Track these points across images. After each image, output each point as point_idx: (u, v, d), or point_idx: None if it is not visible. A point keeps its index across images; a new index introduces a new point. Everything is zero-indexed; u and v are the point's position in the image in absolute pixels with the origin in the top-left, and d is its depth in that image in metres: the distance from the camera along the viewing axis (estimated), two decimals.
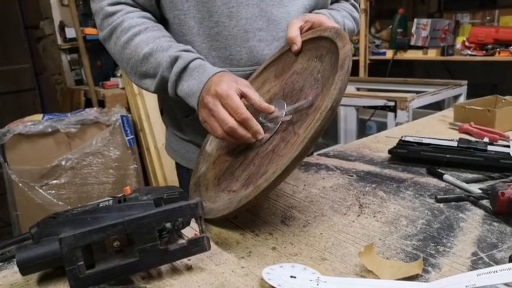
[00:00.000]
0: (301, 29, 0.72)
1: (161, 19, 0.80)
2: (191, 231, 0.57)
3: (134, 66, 0.73)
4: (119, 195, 0.59)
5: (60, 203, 1.88)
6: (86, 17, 2.52)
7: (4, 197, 1.92)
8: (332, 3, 0.90)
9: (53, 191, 1.88)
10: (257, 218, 0.63)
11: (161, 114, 0.87)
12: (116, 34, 0.74)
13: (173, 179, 2.12)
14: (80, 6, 2.52)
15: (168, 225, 0.49)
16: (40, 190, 1.84)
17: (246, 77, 0.78)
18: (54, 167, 1.86)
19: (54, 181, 1.88)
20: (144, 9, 0.77)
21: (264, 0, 0.76)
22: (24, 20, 3.14)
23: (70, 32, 2.54)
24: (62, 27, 2.69)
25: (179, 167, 0.96)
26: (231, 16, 0.75)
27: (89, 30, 2.39)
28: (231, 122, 0.61)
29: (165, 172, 2.12)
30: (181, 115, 0.87)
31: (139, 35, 0.72)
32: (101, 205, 0.52)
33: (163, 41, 0.71)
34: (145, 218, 0.45)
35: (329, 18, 0.76)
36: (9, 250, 0.54)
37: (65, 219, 0.49)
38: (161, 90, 0.73)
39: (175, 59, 0.69)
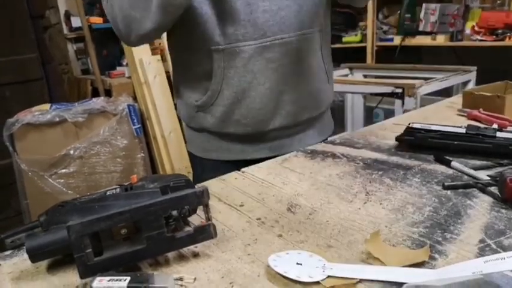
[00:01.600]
0: None
1: None
2: (198, 218, 0.57)
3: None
4: (126, 184, 0.59)
5: (69, 191, 1.91)
6: (92, 6, 2.51)
7: (14, 186, 1.94)
8: None
9: (62, 180, 1.90)
10: (263, 205, 0.63)
11: (176, 108, 0.88)
12: None
13: (180, 167, 2.13)
14: None
15: (175, 213, 0.49)
16: (49, 179, 1.86)
17: (253, 51, 0.78)
18: (62, 156, 1.88)
19: (63, 170, 1.90)
20: None
21: None
22: (30, 9, 3.14)
23: (76, 21, 2.53)
24: (67, 16, 2.68)
25: (194, 158, 0.98)
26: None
27: (95, 19, 2.38)
28: None
29: (172, 160, 2.13)
30: (192, 103, 0.87)
31: None
32: (108, 193, 0.53)
33: None
34: (151, 205, 0.45)
35: None
36: (19, 238, 0.54)
37: (73, 208, 0.50)
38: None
39: None
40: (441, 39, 2.46)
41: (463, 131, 0.83)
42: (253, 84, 0.83)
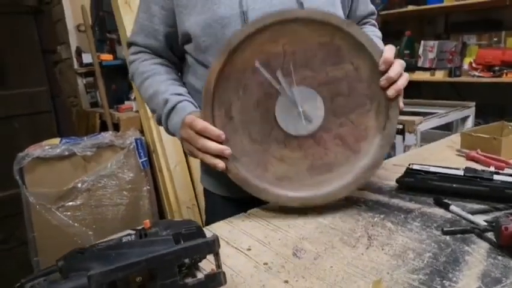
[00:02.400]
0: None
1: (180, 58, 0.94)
2: (207, 263, 0.60)
3: (146, 103, 0.91)
4: (139, 228, 0.62)
5: (75, 224, 1.93)
6: (102, 42, 2.61)
7: (20, 217, 1.97)
8: (349, 15, 0.96)
9: (69, 213, 1.92)
10: (269, 249, 0.66)
11: None
12: (135, 78, 0.93)
13: (185, 200, 2.16)
14: (96, 33, 2.61)
15: (187, 260, 0.52)
16: (57, 212, 1.89)
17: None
18: (70, 189, 1.91)
19: (71, 203, 1.93)
20: (159, 54, 0.91)
21: None
22: (42, 44, 3.27)
23: (86, 58, 2.63)
24: (79, 52, 2.78)
25: (206, 193, 1.02)
26: None
27: (105, 56, 2.47)
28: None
29: (177, 193, 2.16)
30: None
31: (148, 79, 0.88)
32: (124, 240, 0.56)
33: (162, 86, 0.86)
34: (166, 255, 0.48)
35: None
36: (38, 283, 0.57)
37: (92, 255, 0.53)
38: (160, 125, 0.88)
39: (166, 102, 0.83)
40: (440, 75, 2.53)
41: (461, 173, 0.87)
42: None
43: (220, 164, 0.73)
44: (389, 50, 0.73)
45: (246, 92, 0.74)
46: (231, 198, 0.92)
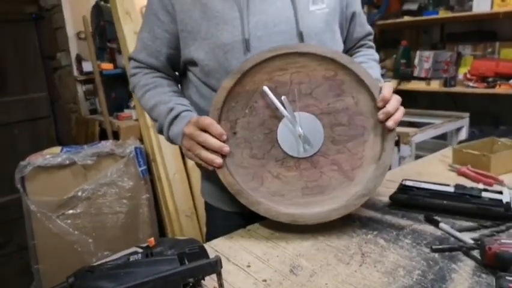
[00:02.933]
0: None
1: (182, 74, 0.97)
2: (209, 280, 0.63)
3: (148, 113, 0.94)
4: (145, 245, 0.66)
5: (75, 232, 1.95)
6: (102, 51, 2.64)
7: (19, 222, 2.00)
8: (345, 41, 0.99)
9: (69, 221, 1.95)
10: (268, 266, 0.69)
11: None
12: (136, 90, 0.96)
13: (184, 209, 2.19)
14: (96, 41, 2.65)
15: (191, 280, 0.56)
16: (57, 220, 1.92)
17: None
18: (71, 197, 1.94)
19: (71, 211, 1.95)
20: (159, 70, 0.95)
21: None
22: (42, 51, 3.30)
23: (87, 66, 2.66)
24: (79, 60, 2.82)
25: (208, 206, 1.04)
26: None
27: (105, 65, 2.50)
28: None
29: (176, 201, 2.19)
30: None
31: (150, 91, 0.92)
32: (131, 259, 0.59)
33: (165, 96, 0.90)
34: (171, 275, 0.52)
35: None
36: None
37: (101, 274, 0.56)
38: (160, 133, 0.92)
39: (170, 110, 0.86)
40: (435, 85, 2.58)
41: (452, 190, 0.91)
42: None
43: (217, 159, 0.76)
44: (387, 88, 0.78)
45: (252, 112, 0.79)
46: (232, 212, 0.95)
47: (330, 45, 0.88)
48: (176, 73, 0.99)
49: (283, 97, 0.77)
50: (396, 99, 0.79)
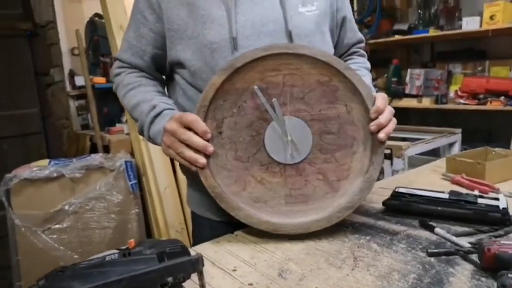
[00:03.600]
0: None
1: (168, 77, 0.95)
2: (191, 283, 0.59)
3: (129, 113, 0.91)
4: (124, 247, 0.62)
5: (61, 247, 1.88)
6: (96, 66, 2.64)
7: (4, 240, 1.93)
8: (336, 47, 0.98)
9: (55, 236, 1.88)
10: (255, 270, 0.65)
11: (180, 165, 0.93)
12: (119, 89, 0.93)
13: (174, 224, 2.13)
14: (90, 56, 2.65)
15: (170, 279, 0.52)
16: (42, 235, 1.85)
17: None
18: (57, 211, 1.88)
19: (57, 226, 1.89)
20: (143, 70, 0.93)
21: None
22: (35, 67, 3.29)
23: (79, 80, 2.65)
24: (71, 75, 2.81)
25: (194, 216, 1.01)
26: None
27: (98, 79, 2.49)
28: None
29: (166, 217, 2.13)
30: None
31: (133, 90, 0.90)
32: (107, 259, 0.55)
33: (148, 95, 0.88)
34: (148, 273, 0.48)
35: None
36: None
37: (73, 273, 0.52)
38: (141, 133, 0.88)
39: (153, 107, 0.84)
40: (426, 102, 2.59)
41: (446, 196, 0.88)
42: None
43: (201, 159, 0.73)
44: (381, 100, 0.76)
45: (240, 112, 0.76)
46: (219, 221, 0.92)
47: (320, 48, 0.87)
48: (164, 77, 0.97)
49: (274, 99, 0.75)
50: (389, 111, 0.77)
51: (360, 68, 0.98)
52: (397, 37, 2.81)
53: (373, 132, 0.76)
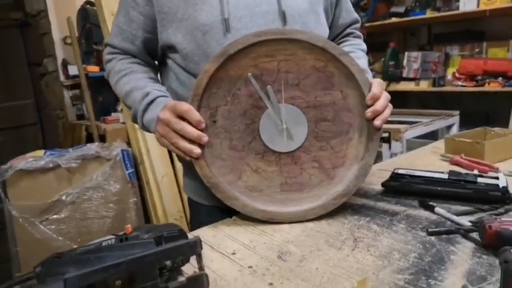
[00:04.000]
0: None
1: (160, 62, 0.93)
2: (191, 267, 0.58)
3: (122, 100, 0.89)
4: (121, 233, 0.61)
5: (60, 238, 1.88)
6: (89, 55, 2.60)
7: (3, 233, 1.92)
8: (331, 27, 0.96)
9: (53, 226, 1.88)
10: (254, 253, 0.65)
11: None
12: (111, 76, 0.91)
13: (172, 212, 2.13)
14: (82, 45, 2.60)
15: (168, 263, 0.51)
16: (40, 225, 1.84)
17: None
18: (54, 202, 1.87)
19: (55, 216, 1.88)
20: (135, 57, 0.90)
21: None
22: (28, 57, 3.25)
23: (73, 70, 2.62)
24: (65, 64, 2.77)
25: (191, 202, 1.00)
26: None
27: (91, 68, 2.46)
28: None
29: (165, 205, 2.13)
30: None
31: (125, 77, 0.87)
32: (104, 244, 0.54)
33: (141, 82, 0.86)
34: (146, 257, 0.47)
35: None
36: None
37: (69, 259, 0.51)
38: (134, 121, 0.87)
39: (146, 94, 0.82)
40: (424, 85, 2.58)
41: (446, 176, 0.87)
42: None
43: (195, 149, 0.72)
44: (377, 86, 0.75)
45: (234, 100, 0.74)
46: (216, 207, 0.91)
47: (314, 28, 0.85)
48: (156, 62, 0.95)
49: (268, 87, 0.73)
50: (385, 97, 0.75)
51: (355, 49, 0.97)
52: (394, 20, 2.78)
53: (369, 119, 0.74)
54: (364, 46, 1.02)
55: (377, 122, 0.74)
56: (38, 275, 0.52)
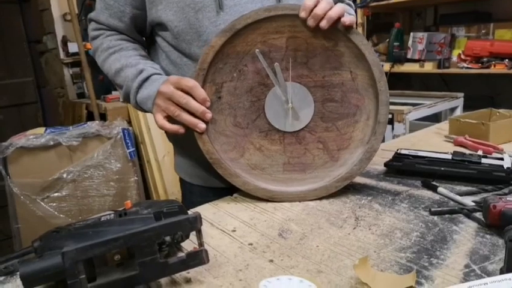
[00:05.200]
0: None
1: (149, 40, 0.89)
2: (190, 244, 0.58)
3: (111, 79, 0.85)
4: (120, 209, 0.60)
5: (61, 215, 1.89)
6: None
7: (5, 210, 1.93)
8: None
9: (54, 204, 1.89)
10: (255, 230, 0.64)
11: (167, 132, 0.89)
12: (98, 53, 0.86)
13: (173, 191, 2.13)
14: (82, 22, 2.55)
15: (168, 238, 0.50)
16: (41, 203, 1.85)
17: None
18: (55, 179, 1.87)
19: (56, 194, 1.89)
20: (122, 33, 0.85)
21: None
22: (28, 34, 3.20)
23: (73, 47, 2.58)
24: (65, 42, 2.73)
25: (183, 183, 0.98)
26: None
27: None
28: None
29: (165, 184, 2.13)
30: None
31: (114, 54, 0.83)
32: (102, 219, 0.54)
33: (132, 59, 0.82)
34: (145, 232, 0.46)
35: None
36: (12, 264, 0.55)
37: (68, 233, 0.51)
38: (126, 99, 0.83)
39: (140, 71, 0.79)
40: (429, 67, 2.53)
41: (449, 157, 0.86)
42: None
43: (200, 124, 0.71)
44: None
45: (240, 76, 0.73)
46: (209, 187, 0.89)
47: None
48: (144, 38, 0.91)
49: (276, 64, 0.71)
50: (326, 2, 0.68)
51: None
52: None
53: (312, 26, 0.68)
54: (352, 11, 0.98)
55: (323, 23, 0.67)
56: (36, 249, 0.52)
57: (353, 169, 0.74)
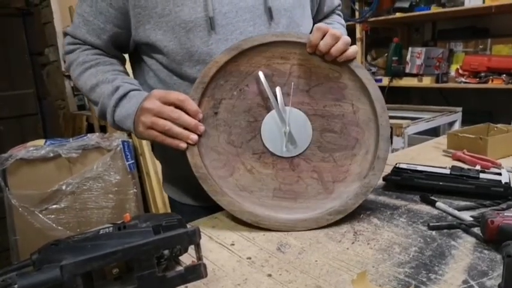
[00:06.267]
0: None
1: (134, 57, 0.86)
2: (189, 257, 0.58)
3: (86, 94, 0.82)
4: (119, 222, 0.60)
5: (59, 227, 1.88)
6: None
7: (3, 222, 1.92)
8: (316, 14, 0.97)
9: (52, 216, 1.88)
10: (254, 244, 0.64)
11: (152, 149, 0.87)
12: (73, 67, 0.82)
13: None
14: None
15: (166, 252, 0.50)
16: (40, 215, 1.84)
17: None
18: (54, 191, 1.87)
19: (54, 206, 1.88)
20: (100, 49, 0.82)
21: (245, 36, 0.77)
22: (30, 47, 3.23)
23: None
24: None
25: (172, 202, 0.96)
26: (211, 54, 0.75)
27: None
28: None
29: (164, 197, 2.13)
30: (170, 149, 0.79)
31: (90, 69, 0.80)
32: (101, 232, 0.54)
33: (109, 75, 0.79)
34: (143, 245, 0.47)
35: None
36: (10, 277, 0.55)
37: (66, 246, 0.51)
38: (102, 117, 0.80)
39: (116, 88, 0.76)
40: (427, 81, 2.56)
41: (448, 171, 0.86)
42: None
43: (193, 135, 0.68)
44: (316, 32, 0.69)
45: (240, 95, 0.73)
46: (199, 206, 0.87)
47: (300, 22, 0.83)
48: (126, 55, 0.88)
49: (277, 87, 0.72)
50: (331, 36, 0.68)
51: (333, 22, 1.00)
52: (398, 15, 2.75)
53: (320, 53, 0.70)
54: (343, 22, 1.03)
55: (326, 57, 0.69)
56: (34, 262, 0.52)
57: (348, 203, 0.70)
